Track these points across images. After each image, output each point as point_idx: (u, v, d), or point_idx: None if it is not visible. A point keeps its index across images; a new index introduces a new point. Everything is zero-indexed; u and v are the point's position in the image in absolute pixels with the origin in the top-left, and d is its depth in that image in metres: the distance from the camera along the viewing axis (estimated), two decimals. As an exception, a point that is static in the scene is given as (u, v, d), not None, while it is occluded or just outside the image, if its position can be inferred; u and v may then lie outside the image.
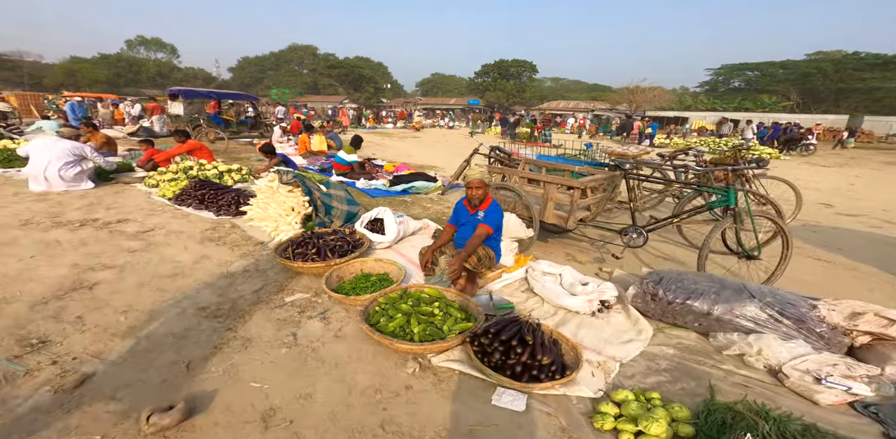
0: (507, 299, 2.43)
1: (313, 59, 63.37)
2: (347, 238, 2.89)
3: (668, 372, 1.83)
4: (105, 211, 3.88)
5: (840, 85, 40.86)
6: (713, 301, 2.00)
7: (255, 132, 12.71)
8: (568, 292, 2.32)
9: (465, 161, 5.04)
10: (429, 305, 2.10)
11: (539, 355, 1.61)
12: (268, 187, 3.53)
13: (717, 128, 18.79)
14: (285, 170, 3.41)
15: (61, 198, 4.29)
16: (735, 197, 2.57)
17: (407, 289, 2.29)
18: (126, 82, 49.96)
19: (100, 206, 4.04)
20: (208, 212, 3.96)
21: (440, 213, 4.44)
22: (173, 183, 4.82)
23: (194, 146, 5.77)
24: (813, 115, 31.56)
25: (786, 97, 42.31)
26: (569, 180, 2.92)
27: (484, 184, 2.41)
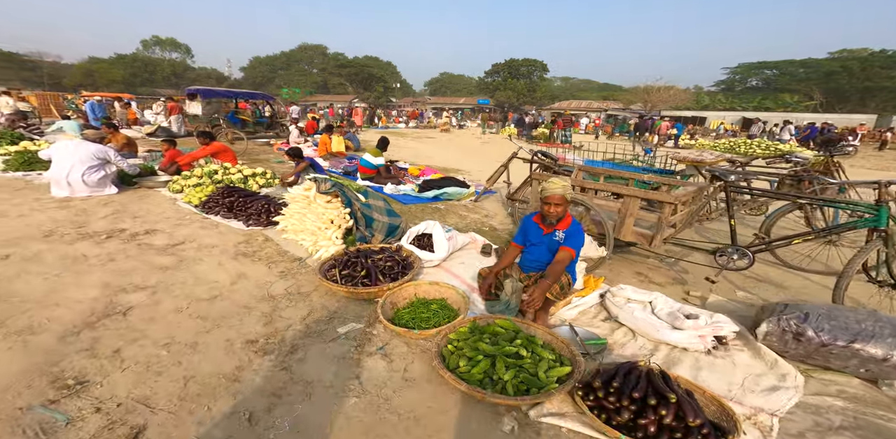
0: (593, 332, 2.13)
1: (323, 58, 63.67)
2: (396, 257, 2.61)
3: (850, 430, 1.50)
4: (131, 220, 3.67)
5: (867, 83, 39.41)
6: (890, 345, 1.67)
7: (270, 132, 12.58)
8: (668, 324, 2.01)
9: (503, 166, 4.73)
10: (509, 342, 1.80)
11: (690, 417, 1.30)
12: (303, 196, 3.28)
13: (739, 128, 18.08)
14: (323, 179, 3.15)
15: (85, 205, 4.10)
16: (887, 216, 2.21)
17: (476, 321, 2.00)
18: (142, 82, 50.68)
19: (125, 214, 3.84)
20: (238, 222, 3.73)
21: (478, 223, 4.15)
22: (199, 188, 4.61)
23: (218, 148, 5.56)
24: (840, 115, 30.47)
25: (808, 96, 41.00)
26: (660, 195, 2.57)
27: (566, 201, 2.10)
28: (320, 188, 3.05)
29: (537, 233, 2.25)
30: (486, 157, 10.86)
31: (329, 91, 55.82)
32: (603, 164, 4.21)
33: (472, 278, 2.67)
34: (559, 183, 2.11)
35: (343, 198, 3.02)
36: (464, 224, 4.08)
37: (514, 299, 2.21)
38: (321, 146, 8.44)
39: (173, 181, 4.92)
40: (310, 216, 3.17)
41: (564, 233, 2.13)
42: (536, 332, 1.95)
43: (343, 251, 2.74)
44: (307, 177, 3.37)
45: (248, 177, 5.21)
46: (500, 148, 13.83)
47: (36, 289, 2.34)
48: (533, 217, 2.31)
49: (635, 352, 1.97)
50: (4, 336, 1.91)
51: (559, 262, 2.02)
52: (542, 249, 2.23)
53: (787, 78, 48.12)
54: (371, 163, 5.77)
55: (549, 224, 2.19)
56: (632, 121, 25.71)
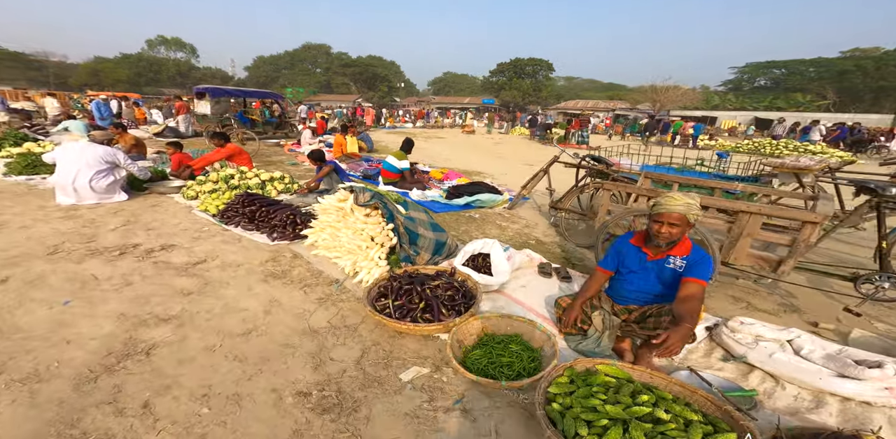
0: (724, 378, 1.74)
1: (327, 57, 63.67)
2: (455, 283, 2.25)
3: None
4: (145, 233, 3.33)
5: (881, 83, 38.67)
6: None
7: (280, 132, 12.27)
8: (832, 371, 1.63)
9: (542, 171, 4.35)
10: (632, 398, 1.44)
11: None
12: (336, 208, 2.92)
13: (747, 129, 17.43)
14: (361, 188, 2.79)
15: (93, 215, 3.77)
16: None
17: (573, 367, 1.64)
18: (147, 81, 50.67)
19: (137, 226, 3.50)
20: (261, 235, 3.38)
21: (522, 235, 3.78)
22: (215, 195, 4.27)
23: (233, 151, 5.23)
24: (855, 115, 29.82)
25: (821, 96, 40.29)
26: (802, 213, 2.11)
27: (686, 222, 1.71)
28: (359, 199, 2.70)
29: (639, 259, 1.88)
30: (504, 159, 10.50)
31: (332, 91, 55.67)
32: (667, 171, 3.77)
33: (539, 305, 2.32)
34: (680, 199, 1.70)
35: (384, 211, 2.66)
36: (506, 236, 3.72)
37: (606, 336, 1.85)
38: (336, 147, 8.10)
39: (187, 187, 4.58)
40: (345, 231, 2.82)
41: (686, 261, 1.75)
42: (657, 382, 1.58)
43: (389, 274, 2.39)
44: (342, 186, 3.01)
45: (266, 182, 4.87)
46: (514, 148, 13.47)
47: (41, 322, 2.00)
48: (630, 239, 1.94)
49: (793, 405, 1.60)
50: (7, 384, 1.57)
51: (692, 299, 1.61)
52: (649, 278, 1.86)
53: (796, 77, 47.41)
54: (395, 167, 5.41)
55: (658, 247, 1.82)
56: (643, 121, 25.32)
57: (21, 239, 3.04)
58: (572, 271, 2.78)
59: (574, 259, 3.19)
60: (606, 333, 1.85)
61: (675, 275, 1.77)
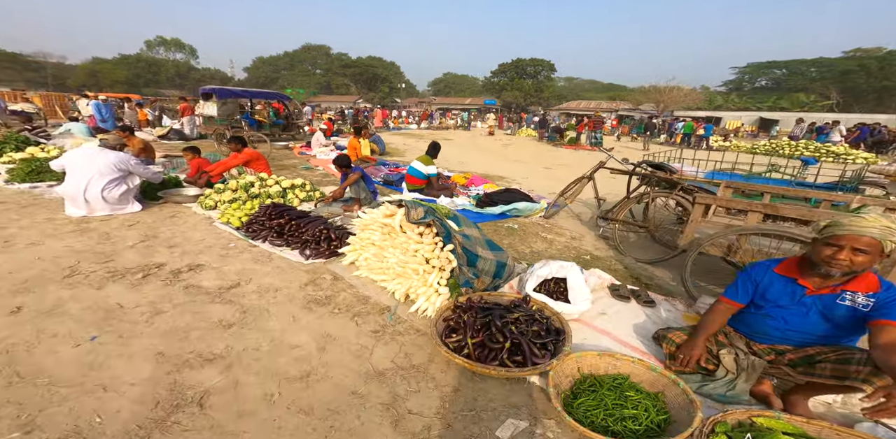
0: None
1: (327, 58, 63.55)
2: (537, 315, 1.97)
3: None
4: (167, 250, 3.04)
5: (885, 82, 38.58)
6: None
7: (287, 134, 12.00)
8: None
9: (586, 177, 4.08)
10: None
11: None
12: (381, 224, 2.65)
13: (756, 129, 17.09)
14: (412, 203, 2.52)
15: (107, 228, 3.48)
16: None
17: (726, 420, 1.36)
18: (145, 82, 50.33)
19: (158, 241, 3.22)
20: (293, 252, 3.10)
21: (571, 249, 3.49)
22: (236, 205, 3.98)
23: (251, 156, 4.94)
24: (860, 115, 29.68)
25: (824, 96, 40.18)
26: None
27: (879, 250, 1.37)
28: (411, 216, 2.42)
29: (791, 293, 1.57)
30: (520, 162, 10.24)
31: (332, 91, 55.42)
32: (730, 177, 3.46)
33: (629, 336, 2.05)
34: (875, 220, 1.35)
35: (440, 229, 2.38)
36: (554, 250, 3.45)
37: (743, 379, 1.58)
38: (350, 150, 7.80)
39: (205, 195, 4.30)
40: (392, 250, 2.54)
41: (876, 299, 1.41)
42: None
43: (454, 303, 2.12)
44: (387, 199, 2.73)
45: (287, 190, 4.59)
46: (526, 150, 13.22)
47: (68, 363, 1.72)
48: (775, 267, 1.63)
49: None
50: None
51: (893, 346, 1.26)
52: (808, 316, 1.55)
53: (798, 77, 47.38)
54: (421, 173, 5.14)
55: (825, 279, 1.49)
56: (654, 121, 25.09)
57: (31, 258, 2.76)
58: (654, 294, 2.52)
59: (643, 278, 2.92)
60: (743, 376, 1.58)
61: (855, 316, 1.45)
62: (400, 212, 2.51)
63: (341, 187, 4.25)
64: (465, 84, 65.46)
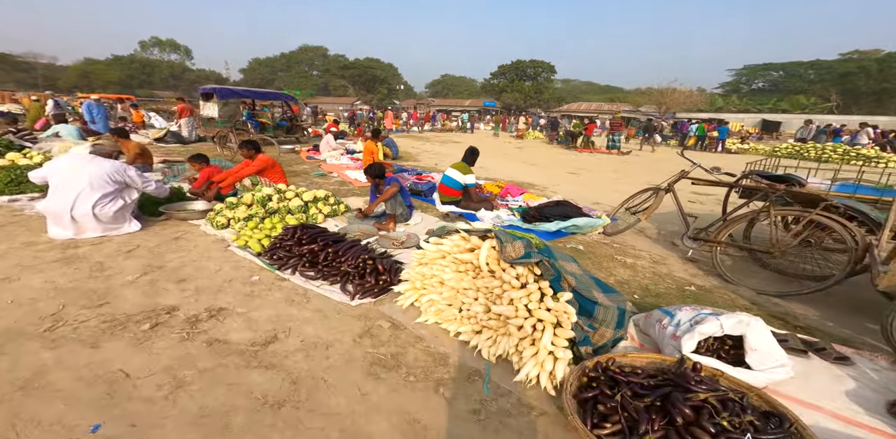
0: None
1: (324, 60, 63.28)
2: (732, 394, 1.39)
3: None
4: (177, 286, 2.43)
5: (884, 85, 38.70)
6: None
7: (291, 136, 11.38)
8: None
9: (664, 189, 3.50)
10: None
11: None
12: (457, 260, 2.06)
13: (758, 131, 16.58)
14: (506, 235, 1.93)
15: (99, 255, 2.87)
16: None
17: None
18: (139, 84, 49.47)
19: (164, 273, 2.61)
20: (332, 288, 2.51)
21: (665, 278, 2.90)
22: (253, 224, 3.38)
23: (266, 164, 4.33)
24: (864, 117, 29.59)
25: (824, 98, 40.24)
26: None
27: None
28: (507, 253, 1.83)
29: None
30: (540, 166, 9.69)
31: (330, 93, 54.91)
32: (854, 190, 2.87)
33: (850, 410, 1.50)
34: None
35: (550, 270, 1.79)
36: (643, 278, 2.86)
37: None
38: (366, 155, 7.21)
39: (215, 211, 3.69)
40: (473, 293, 1.96)
41: None
42: None
43: (583, 371, 1.54)
44: (463, 227, 2.15)
45: (309, 204, 3.99)
46: (542, 154, 12.69)
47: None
48: None
49: None
50: None
51: None
52: None
53: (795, 79, 47.53)
54: (457, 182, 4.55)
55: None
56: (663, 123, 24.75)
57: (1, 302, 2.14)
58: (842, 347, 1.95)
59: (787, 318, 2.35)
60: None
61: None
62: (485, 246, 1.93)
63: (376, 202, 3.65)
64: (462, 85, 65.20)
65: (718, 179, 3.17)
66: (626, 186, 6.86)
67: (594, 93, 67.18)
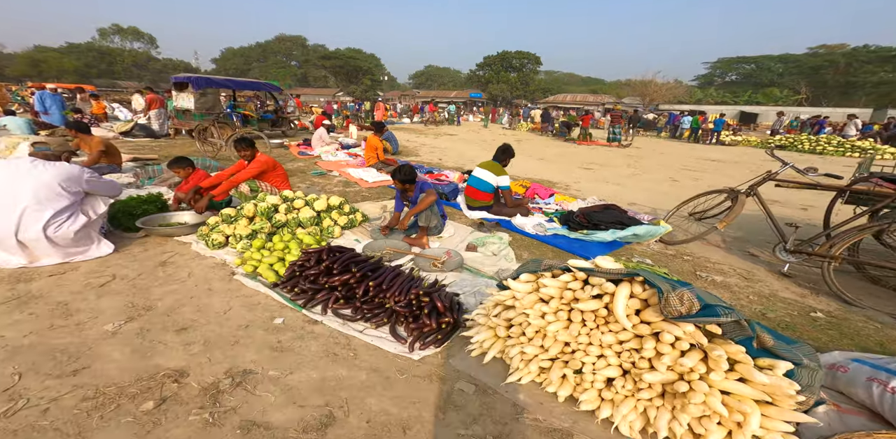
0: None
1: (303, 50, 60.87)
2: None
3: None
4: (176, 338, 1.80)
5: (850, 78, 40.27)
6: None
7: (277, 130, 10.49)
8: None
9: (745, 193, 3.03)
10: None
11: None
12: (569, 307, 1.53)
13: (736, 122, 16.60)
14: (660, 280, 1.39)
15: (63, 292, 2.18)
16: None
17: None
18: (99, 73, 45.89)
19: (155, 319, 1.96)
20: (379, 332, 1.95)
21: (771, 300, 2.45)
22: (259, 243, 2.74)
23: (267, 165, 3.63)
24: (835, 109, 30.66)
25: (794, 91, 41.52)
26: None
27: None
28: (672, 306, 1.27)
29: None
30: (549, 161, 9.22)
31: (310, 84, 52.77)
32: None
33: None
34: None
35: (747, 330, 1.26)
36: (750, 303, 2.41)
37: None
38: (369, 151, 6.52)
39: (210, 226, 3.00)
40: (595, 350, 1.44)
41: None
42: None
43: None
44: (578, 265, 1.59)
45: (322, 214, 3.35)
46: (543, 147, 12.24)
47: None
48: None
49: None
50: None
51: None
52: None
53: (766, 72, 48.90)
54: (489, 184, 3.99)
55: None
56: (648, 116, 24.74)
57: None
58: None
59: None
60: None
61: None
62: (622, 295, 1.38)
63: (410, 213, 3.04)
64: (447, 77, 63.99)
65: (815, 182, 2.75)
66: (653, 184, 6.51)
67: (576, 84, 67.38)
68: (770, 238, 3.62)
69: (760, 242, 3.53)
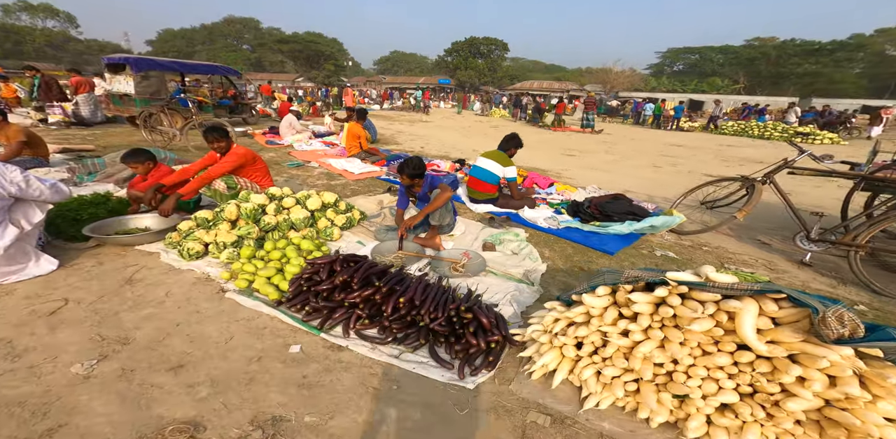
0: None
1: (256, 33, 56.53)
2: None
3: None
4: (172, 379, 1.42)
5: (780, 69, 43.77)
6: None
7: (237, 117, 9.51)
8: None
9: (761, 181, 2.97)
10: None
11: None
12: (656, 326, 1.33)
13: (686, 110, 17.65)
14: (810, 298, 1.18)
15: (2, 326, 1.67)
16: None
17: None
18: (5, 54, 39.71)
19: (135, 354, 1.54)
20: (418, 356, 1.67)
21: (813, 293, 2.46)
22: (248, 251, 2.31)
23: (245, 158, 3.10)
24: (769, 98, 33.02)
25: (734, 80, 44.48)
26: None
27: None
28: (830, 327, 1.04)
29: None
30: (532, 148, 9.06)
31: (265, 69, 49.13)
32: None
33: None
34: None
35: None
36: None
37: None
38: (351, 140, 5.99)
39: (182, 233, 2.50)
40: (701, 371, 1.26)
41: None
42: None
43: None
44: (675, 277, 1.37)
45: (316, 213, 2.94)
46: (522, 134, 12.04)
47: None
48: None
49: None
50: None
51: None
52: None
53: (708, 63, 51.99)
54: (494, 175, 3.73)
55: None
56: (612, 102, 25.42)
57: None
58: None
59: None
60: None
61: None
62: (749, 312, 1.15)
63: (424, 212, 2.70)
64: (414, 62, 62.06)
65: (831, 169, 2.75)
66: (637, 170, 6.56)
67: (540, 71, 67.96)
68: (773, 225, 3.70)
69: (764, 229, 3.59)
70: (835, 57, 41.89)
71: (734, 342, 1.23)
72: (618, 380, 1.39)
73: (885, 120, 12.64)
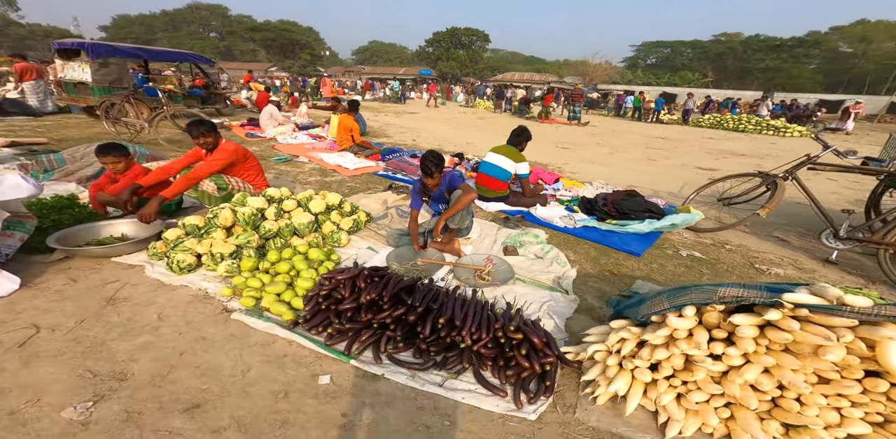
0: None
1: (224, 20, 53.54)
2: None
3: None
4: (189, 422, 1.16)
5: (745, 64, 45.55)
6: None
7: (210, 108, 8.87)
8: None
9: (783, 177, 2.90)
10: None
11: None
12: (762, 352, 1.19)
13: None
14: None
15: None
16: None
17: None
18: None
19: (139, 390, 1.27)
20: (464, 383, 1.48)
21: None
22: (250, 263, 2.03)
23: (237, 155, 2.75)
24: (737, 91, 34.29)
25: (703, 74, 45.98)
26: None
27: None
28: None
29: None
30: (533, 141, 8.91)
31: (236, 58, 46.63)
32: None
33: None
34: None
35: None
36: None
37: None
38: (343, 133, 5.62)
39: (168, 243, 2.18)
40: (822, 400, 1.13)
41: None
42: None
43: None
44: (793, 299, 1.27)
45: (320, 216, 2.65)
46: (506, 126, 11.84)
47: None
48: None
49: None
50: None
51: None
52: None
53: (679, 57, 53.51)
54: (506, 171, 3.53)
55: None
56: (593, 94, 25.63)
57: None
58: None
59: None
60: None
61: None
62: None
63: (447, 215, 2.46)
64: (393, 53, 60.47)
65: (852, 164, 2.72)
66: (633, 164, 6.53)
67: (520, 63, 67.85)
68: (785, 220, 3.69)
69: (778, 225, 3.58)
70: (793, 53, 43.91)
71: (863, 369, 1.09)
72: (706, 406, 1.24)
73: (854, 115, 13.32)
